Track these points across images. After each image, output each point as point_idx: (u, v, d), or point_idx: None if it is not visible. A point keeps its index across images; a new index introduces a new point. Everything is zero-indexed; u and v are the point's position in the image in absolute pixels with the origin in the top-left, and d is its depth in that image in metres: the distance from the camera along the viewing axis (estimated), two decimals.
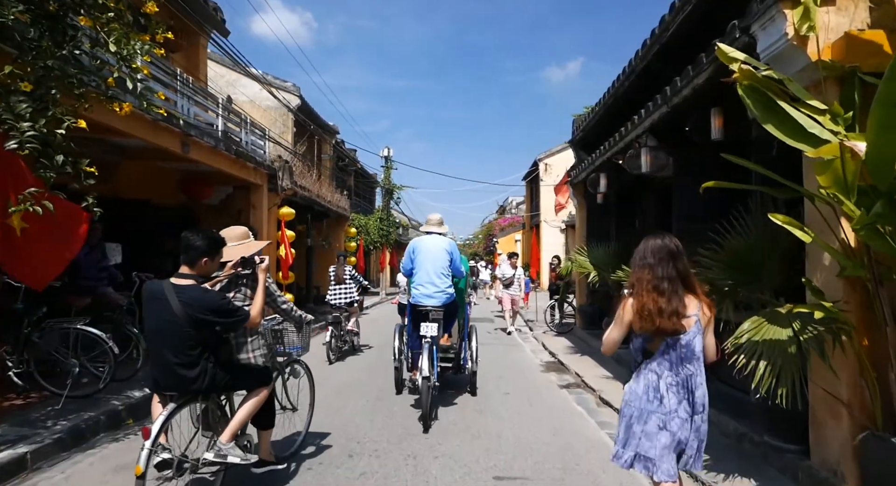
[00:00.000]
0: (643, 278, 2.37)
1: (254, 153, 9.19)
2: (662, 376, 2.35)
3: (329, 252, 15.30)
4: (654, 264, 2.37)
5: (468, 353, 5.83)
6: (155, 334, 2.91)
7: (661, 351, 2.36)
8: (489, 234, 37.64)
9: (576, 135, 9.99)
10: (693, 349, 2.34)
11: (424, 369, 4.70)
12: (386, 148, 22.93)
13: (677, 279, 2.35)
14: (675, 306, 2.30)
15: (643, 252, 2.43)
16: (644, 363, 2.42)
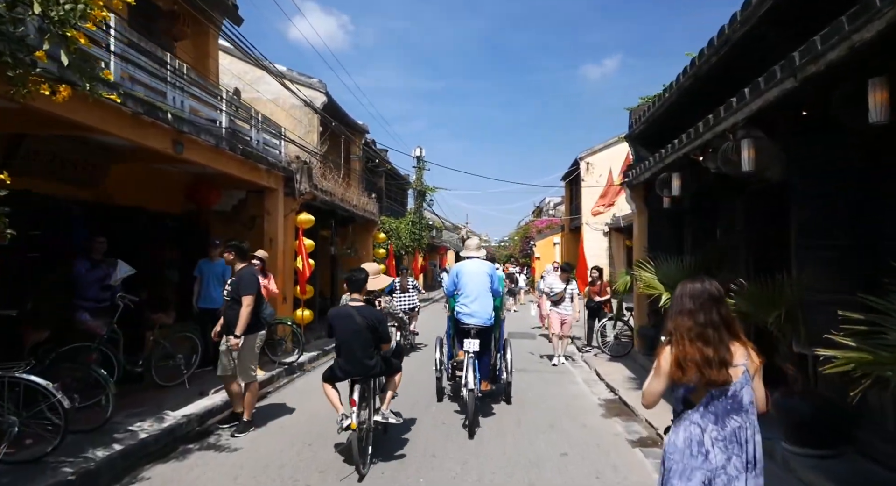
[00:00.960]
0: (683, 325, 2.24)
1: (267, 153, 8.17)
2: (707, 430, 2.19)
3: (356, 261, 14.25)
4: (695, 310, 2.24)
5: (503, 364, 6.31)
6: (347, 340, 4.33)
7: (704, 402, 2.21)
8: (526, 236, 36.16)
9: (633, 129, 8.60)
10: (741, 401, 2.19)
11: (470, 382, 5.25)
12: (418, 148, 21.88)
13: (721, 326, 2.22)
14: (721, 355, 2.17)
15: (681, 298, 2.30)
16: (685, 414, 2.26)
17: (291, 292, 9.10)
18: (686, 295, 2.29)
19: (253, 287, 4.88)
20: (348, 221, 12.78)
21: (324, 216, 11.37)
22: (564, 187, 31.20)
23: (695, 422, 2.21)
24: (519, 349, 10.58)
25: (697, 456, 2.18)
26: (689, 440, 2.20)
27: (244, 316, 4.78)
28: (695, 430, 2.20)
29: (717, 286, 2.30)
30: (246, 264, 5.12)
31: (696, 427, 2.21)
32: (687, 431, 2.22)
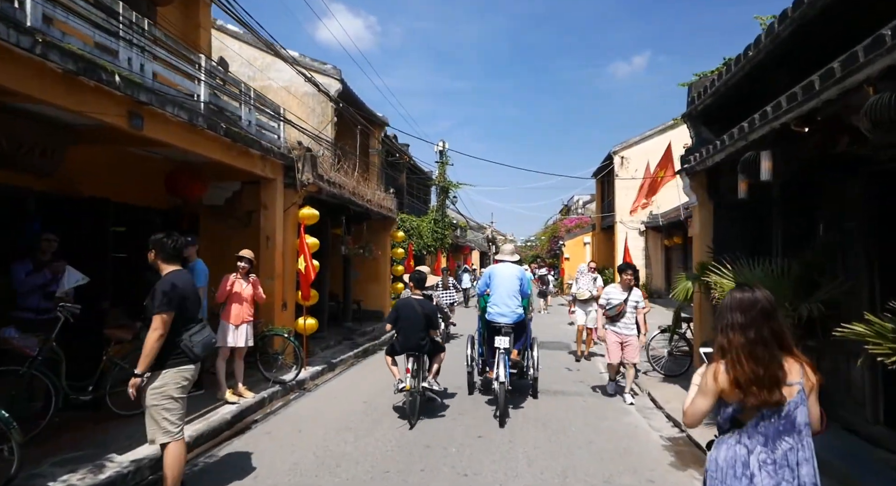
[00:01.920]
0: (734, 341, 2.06)
1: (262, 137, 7.03)
2: (754, 452, 2.03)
3: (372, 261, 13.12)
4: (746, 325, 2.06)
5: (530, 361, 6.72)
6: (407, 323, 5.80)
7: (754, 423, 2.04)
8: (554, 236, 34.59)
9: (695, 105, 7.16)
10: (794, 421, 2.01)
11: (501, 375, 5.69)
12: (441, 141, 20.62)
13: (773, 342, 2.04)
14: (773, 374, 1.99)
15: (731, 310, 2.11)
16: (732, 432, 2.10)
17: (293, 297, 7.96)
18: (735, 308, 2.11)
19: (168, 304, 3.35)
20: (362, 218, 11.62)
21: (334, 212, 10.22)
22: (595, 184, 29.57)
23: (741, 442, 2.07)
24: (553, 363, 9.25)
25: (741, 479, 2.03)
26: (732, 459, 2.07)
27: (148, 345, 3.31)
28: (740, 450, 2.06)
29: (769, 297, 2.12)
30: (174, 269, 3.58)
31: (741, 448, 2.06)
32: (731, 449, 2.08)
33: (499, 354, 5.86)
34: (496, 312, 6.16)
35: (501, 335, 6.00)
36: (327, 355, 9.00)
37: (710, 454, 2.17)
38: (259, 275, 7.32)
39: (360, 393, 6.95)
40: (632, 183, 23.25)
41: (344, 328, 11.41)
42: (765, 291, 2.13)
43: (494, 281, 6.30)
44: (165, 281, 3.41)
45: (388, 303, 13.67)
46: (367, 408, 6.28)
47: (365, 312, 13.22)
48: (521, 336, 6.54)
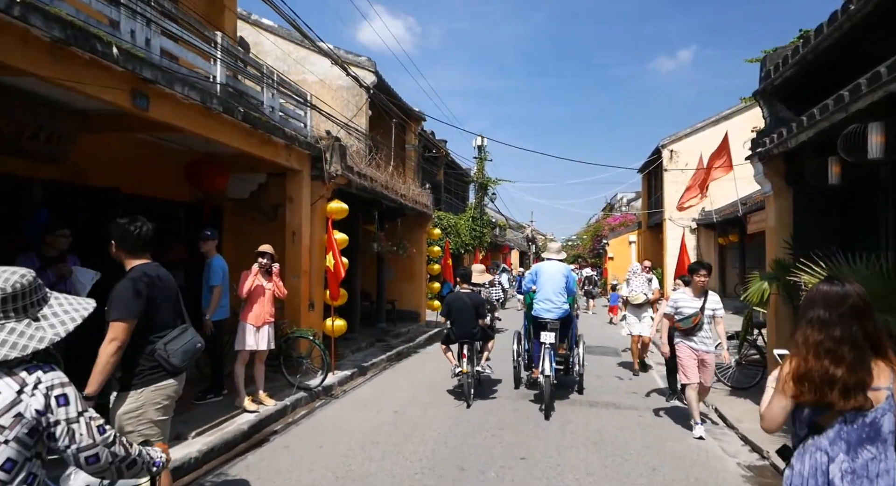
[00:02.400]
0: (812, 337, 1.89)
1: (287, 125, 6.56)
2: (836, 460, 1.84)
3: (407, 260, 12.57)
4: (831, 323, 1.87)
5: (576, 358, 6.86)
6: (459, 315, 6.49)
7: (836, 428, 1.86)
8: (596, 235, 33.33)
9: (771, 79, 6.24)
10: (879, 429, 1.84)
11: (546, 369, 5.92)
12: (479, 137, 19.95)
13: (865, 344, 1.84)
14: (860, 378, 1.81)
15: (814, 304, 1.94)
16: (811, 439, 1.91)
17: (321, 296, 7.46)
18: (820, 302, 1.92)
19: (126, 308, 2.65)
20: (396, 214, 11.08)
21: (366, 207, 9.72)
22: (641, 180, 28.20)
23: (822, 449, 1.88)
24: (602, 370, 8.45)
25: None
26: (813, 468, 1.88)
27: (101, 359, 2.60)
28: (821, 458, 1.87)
29: (861, 292, 1.90)
30: (141, 263, 2.88)
31: (822, 455, 1.87)
32: (812, 458, 1.89)
33: (544, 348, 6.05)
34: (542, 308, 6.32)
35: (547, 331, 6.17)
36: (357, 359, 8.49)
37: (793, 465, 1.96)
38: (284, 273, 6.87)
39: (390, 401, 6.38)
40: (681, 178, 21.93)
41: (377, 330, 10.90)
42: (857, 285, 1.93)
43: (541, 278, 6.47)
44: (126, 280, 2.77)
45: (424, 303, 13.12)
46: (397, 419, 5.70)
47: (400, 312, 12.69)
48: (567, 332, 6.75)
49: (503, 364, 7.68)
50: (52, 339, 1.48)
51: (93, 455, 1.50)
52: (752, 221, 15.75)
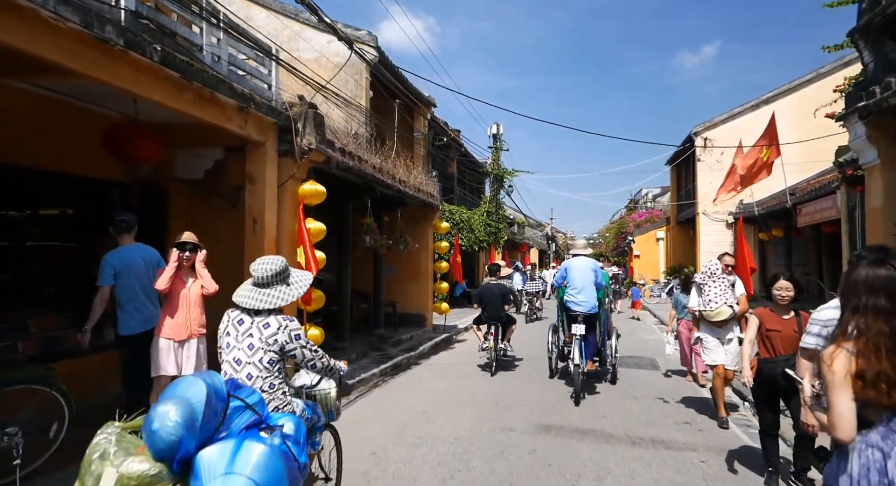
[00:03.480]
0: (874, 329, 1.70)
1: (244, 84, 5.16)
2: (892, 455, 1.62)
3: (411, 257, 11.13)
4: (892, 311, 1.70)
5: (609, 350, 7.19)
6: (489, 301, 7.85)
7: (885, 419, 1.67)
8: (620, 232, 31.46)
9: (883, 6, 4.61)
10: None
11: (576, 358, 6.25)
12: (494, 124, 18.42)
13: None
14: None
15: (872, 291, 1.73)
16: (858, 435, 1.69)
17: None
18: (881, 289, 1.73)
19: None
20: (396, 203, 9.65)
21: (357, 194, 8.30)
22: (670, 172, 26.30)
23: (874, 445, 1.66)
24: (639, 389, 6.86)
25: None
26: (865, 468, 1.64)
27: None
28: (874, 455, 1.65)
29: None
30: None
31: (875, 451, 1.65)
32: (863, 456, 1.67)
33: (576, 340, 6.38)
34: (573, 301, 6.65)
35: (578, 323, 6.48)
36: (344, 374, 7.06)
37: (840, 464, 1.72)
38: (244, 270, 5.47)
39: (368, 438, 4.94)
40: (717, 168, 20.08)
41: (373, 337, 9.48)
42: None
43: (571, 273, 6.79)
44: None
45: (431, 305, 11.66)
46: (375, 465, 4.25)
47: (402, 316, 11.25)
48: (597, 324, 6.91)
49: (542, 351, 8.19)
50: (297, 296, 2.76)
51: (312, 364, 2.77)
52: (803, 212, 13.95)
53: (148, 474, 1.85)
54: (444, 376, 7.72)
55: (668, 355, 7.51)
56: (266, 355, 2.56)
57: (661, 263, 26.74)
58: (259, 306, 2.60)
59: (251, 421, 2.15)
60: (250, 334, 2.58)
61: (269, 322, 2.59)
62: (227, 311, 2.77)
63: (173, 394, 1.99)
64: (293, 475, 2.14)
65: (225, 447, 1.98)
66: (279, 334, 2.57)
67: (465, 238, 17.32)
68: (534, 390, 6.84)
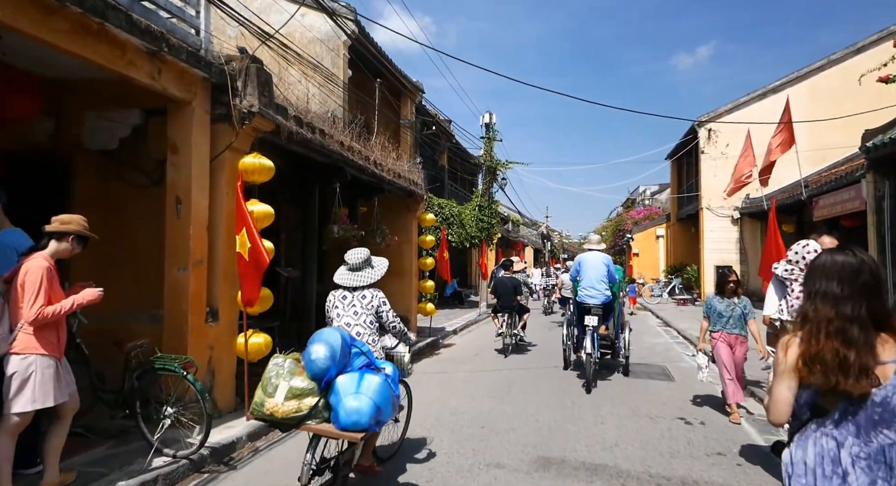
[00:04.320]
0: (823, 314, 1.70)
1: (165, 26, 4.00)
2: (845, 445, 1.65)
3: (393, 252, 9.97)
4: (843, 297, 1.69)
5: (622, 342, 7.42)
6: (503, 292, 9.12)
7: (842, 409, 1.67)
8: (618, 229, 30.41)
9: None
10: (893, 409, 1.61)
11: (588, 347, 6.51)
12: (487, 113, 17.28)
13: (869, 323, 1.67)
14: (864, 361, 1.62)
15: (826, 276, 1.74)
16: (814, 423, 1.71)
17: (231, 300, 4.89)
18: (834, 275, 1.73)
19: None
20: (372, 190, 8.50)
21: (325, 175, 7.15)
22: (670, 167, 25.24)
23: (828, 434, 1.69)
24: (654, 407, 5.64)
25: (832, 478, 1.65)
26: (820, 456, 1.68)
27: None
28: (828, 443, 1.68)
29: (875, 267, 1.72)
30: None
31: (829, 440, 1.68)
32: (817, 444, 1.69)
33: (588, 331, 6.62)
34: (585, 294, 6.84)
35: (591, 315, 6.68)
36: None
37: (793, 454, 1.73)
38: (165, 262, 4.35)
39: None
40: (722, 160, 19.04)
41: None
42: (871, 258, 1.73)
43: (583, 268, 7.01)
44: None
45: (415, 306, 10.51)
46: None
47: None
48: (609, 316, 7.20)
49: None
50: (380, 275, 3.78)
51: (393, 326, 3.76)
52: (819, 205, 12.89)
53: (306, 388, 2.93)
54: (423, 389, 6.60)
55: (702, 381, 5.68)
56: (367, 318, 3.63)
57: (661, 261, 25.69)
58: (357, 283, 3.70)
59: (365, 363, 3.09)
60: (353, 305, 3.65)
61: (365, 294, 3.69)
62: (331, 292, 3.81)
63: (321, 338, 3.00)
64: (394, 401, 3.12)
65: (353, 376, 2.98)
66: (374, 300, 3.66)
67: (456, 234, 16.19)
68: (540, 401, 5.73)
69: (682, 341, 11.00)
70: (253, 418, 3.02)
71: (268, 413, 2.89)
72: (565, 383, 6.88)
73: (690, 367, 8.24)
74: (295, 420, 2.90)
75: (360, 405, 2.85)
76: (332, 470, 3.12)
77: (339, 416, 2.87)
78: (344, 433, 2.88)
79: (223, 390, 4.84)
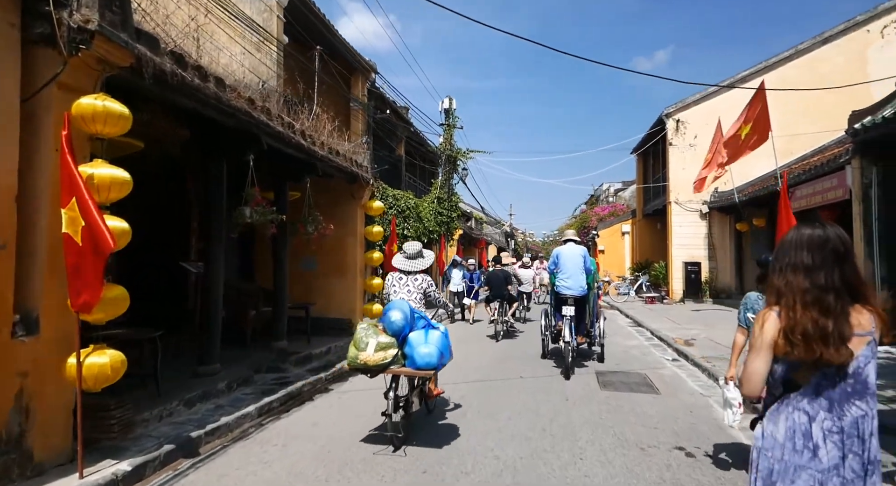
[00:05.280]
0: (797, 285, 1.70)
1: None
2: (817, 419, 1.66)
3: (332, 246, 8.57)
4: (815, 267, 1.70)
5: (598, 331, 7.63)
6: (495, 282, 10.46)
7: (815, 383, 1.68)
8: (583, 226, 29.69)
9: None
10: (865, 381, 1.65)
11: (566, 336, 6.77)
12: (447, 98, 16.03)
13: (844, 291, 1.68)
14: (842, 330, 1.64)
15: (796, 248, 1.75)
16: (787, 398, 1.72)
17: (59, 301, 3.39)
18: (804, 246, 1.74)
19: None
20: (302, 169, 7.06)
21: (235, 146, 5.69)
22: (636, 162, 24.57)
23: (801, 408, 1.69)
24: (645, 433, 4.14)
25: (803, 452, 1.65)
26: (791, 430, 1.68)
27: None
28: (800, 418, 1.68)
29: (842, 236, 1.74)
30: None
31: (801, 414, 1.68)
32: (789, 419, 1.69)
33: (565, 320, 6.92)
34: (563, 285, 7.13)
35: (568, 305, 6.99)
36: (185, 422, 4.46)
37: (764, 427, 1.75)
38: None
39: None
40: (690, 153, 18.35)
41: (273, 352, 6.87)
42: (838, 229, 1.76)
43: (561, 260, 7.25)
44: None
45: (360, 307, 9.12)
46: None
47: (323, 321, 8.69)
48: (586, 306, 7.42)
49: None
50: (430, 263, 4.96)
51: (438, 300, 5.03)
52: (796, 196, 12.18)
53: (388, 343, 4.09)
54: (359, 409, 5.23)
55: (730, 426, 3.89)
56: (418, 294, 4.79)
57: (626, 258, 25.02)
58: (412, 269, 4.86)
59: (425, 324, 4.31)
60: (407, 284, 4.82)
61: (417, 277, 4.86)
62: (390, 273, 5.02)
63: (396, 306, 4.24)
64: (450, 350, 4.37)
65: (420, 333, 4.19)
66: (423, 282, 4.83)
67: (413, 228, 14.85)
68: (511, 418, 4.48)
69: (658, 343, 9.98)
70: (350, 368, 4.18)
71: (361, 363, 4.03)
72: (540, 386, 5.65)
73: (673, 374, 7.17)
74: (383, 366, 4.03)
75: (430, 351, 4.07)
76: (404, 407, 4.31)
77: (415, 360, 4.07)
78: (420, 371, 4.12)
79: (46, 434, 3.36)
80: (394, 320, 4.10)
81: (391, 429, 4.06)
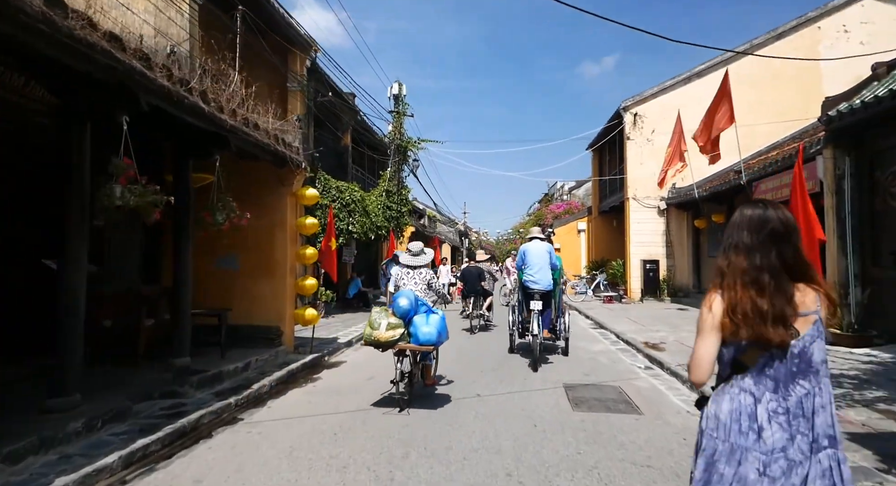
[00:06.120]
0: (738, 265, 1.69)
1: None
2: (762, 400, 1.62)
3: (258, 241, 7.23)
4: (752, 247, 1.69)
5: (562, 325, 7.93)
6: (469, 278, 11.10)
7: (761, 364, 1.64)
8: (539, 223, 29.11)
9: None
10: (810, 359, 1.62)
11: (534, 329, 7.03)
12: (396, 83, 14.80)
13: (781, 271, 1.65)
14: (779, 309, 1.61)
15: (738, 228, 1.74)
16: (733, 379, 1.69)
17: None
18: (744, 226, 1.73)
19: None
20: (210, 143, 5.69)
21: (103, 103, 4.30)
22: (592, 158, 24.09)
23: (746, 389, 1.65)
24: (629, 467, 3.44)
25: (748, 434, 1.61)
26: (736, 411, 1.64)
27: None
28: (745, 399, 1.64)
29: (784, 217, 1.71)
30: None
31: (746, 395, 1.65)
32: (734, 400, 1.66)
33: (533, 314, 7.12)
34: (530, 280, 7.39)
35: (535, 300, 7.21)
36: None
37: (708, 409, 1.72)
38: None
39: None
40: (648, 148, 17.89)
41: (169, 370, 5.48)
42: (782, 210, 1.73)
43: (528, 256, 7.53)
44: None
45: (290, 314, 7.80)
46: None
47: (244, 330, 7.33)
48: (551, 301, 7.69)
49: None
50: (430, 259, 5.93)
51: (438, 290, 5.85)
52: (760, 190, 11.67)
53: (397, 323, 5.00)
54: (268, 452, 3.98)
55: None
56: (422, 286, 5.59)
57: (582, 256, 24.54)
58: (416, 264, 5.76)
59: (427, 309, 5.18)
60: (413, 277, 5.66)
61: (421, 270, 5.72)
62: (395, 266, 6.01)
63: (404, 294, 5.15)
64: (447, 332, 5.27)
65: (422, 316, 5.09)
66: (427, 275, 5.68)
67: (359, 223, 13.56)
68: None
69: (625, 347, 9.16)
70: (366, 344, 5.12)
71: (374, 339, 5.02)
72: (501, 408, 4.57)
73: (650, 387, 6.28)
74: (392, 342, 5.00)
75: (431, 330, 5.07)
76: (409, 381, 5.24)
77: (418, 337, 5.07)
78: (421, 347, 5.12)
79: None
80: (401, 305, 5.09)
81: (398, 394, 5.10)
